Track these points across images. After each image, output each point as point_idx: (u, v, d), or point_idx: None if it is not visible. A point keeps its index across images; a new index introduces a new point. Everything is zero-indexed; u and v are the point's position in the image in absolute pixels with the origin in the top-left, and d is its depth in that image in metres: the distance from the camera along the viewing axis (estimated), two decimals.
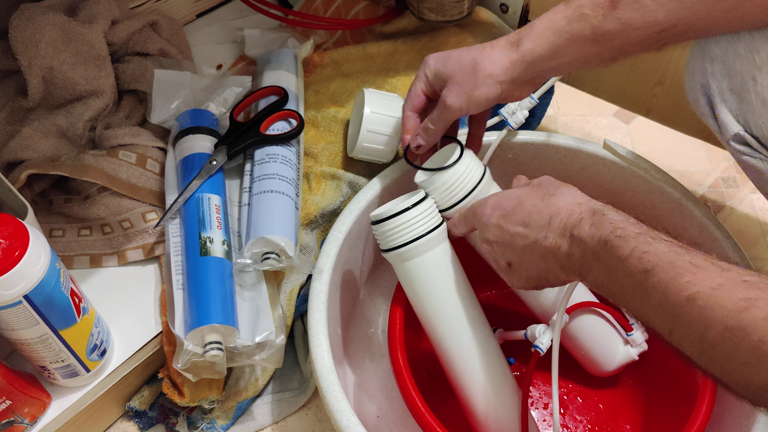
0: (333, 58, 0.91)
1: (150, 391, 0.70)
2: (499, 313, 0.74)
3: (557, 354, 0.58)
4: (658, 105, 0.86)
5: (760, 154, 0.54)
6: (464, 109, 0.60)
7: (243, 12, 0.99)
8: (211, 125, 0.75)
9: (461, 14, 0.88)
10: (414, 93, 0.64)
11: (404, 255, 0.58)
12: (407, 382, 0.58)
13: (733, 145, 0.55)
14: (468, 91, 0.59)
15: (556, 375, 0.58)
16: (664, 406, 0.67)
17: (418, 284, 0.59)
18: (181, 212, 0.69)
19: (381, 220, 0.58)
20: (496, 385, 0.61)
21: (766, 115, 0.52)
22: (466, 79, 0.59)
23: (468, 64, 0.59)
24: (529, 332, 0.62)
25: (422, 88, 0.63)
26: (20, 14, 0.73)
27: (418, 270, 0.59)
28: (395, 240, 0.58)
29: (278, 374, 0.73)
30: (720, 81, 0.54)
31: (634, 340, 0.66)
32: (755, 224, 0.91)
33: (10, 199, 0.61)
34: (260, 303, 0.66)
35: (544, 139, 0.75)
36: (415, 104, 0.64)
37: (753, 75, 0.51)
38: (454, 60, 0.60)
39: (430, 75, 0.62)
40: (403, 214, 0.57)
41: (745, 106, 0.53)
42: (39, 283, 0.52)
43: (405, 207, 0.57)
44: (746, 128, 0.54)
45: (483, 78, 0.58)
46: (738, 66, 0.52)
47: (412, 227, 0.57)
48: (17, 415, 0.58)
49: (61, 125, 0.75)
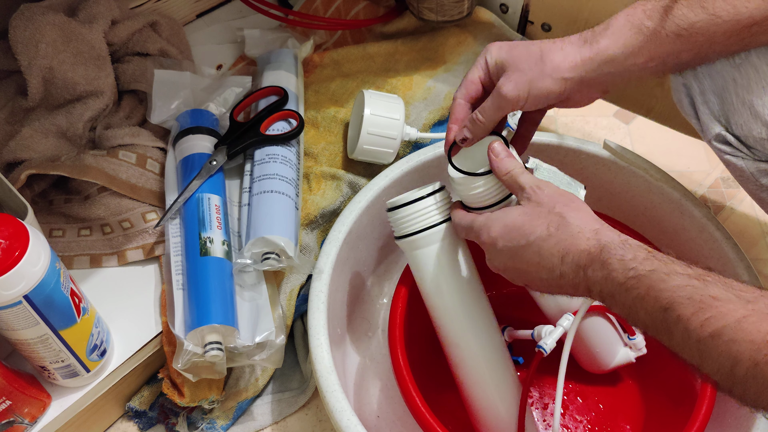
0: (333, 58, 0.91)
1: (150, 391, 0.70)
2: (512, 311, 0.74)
3: (567, 356, 0.58)
4: (658, 105, 0.86)
5: (740, 152, 0.54)
6: (521, 102, 0.54)
7: (243, 12, 0.99)
8: (211, 125, 0.75)
9: (461, 14, 0.89)
10: (470, 79, 0.57)
11: (415, 243, 0.59)
12: (407, 382, 0.58)
13: (715, 144, 0.56)
14: (529, 80, 0.53)
15: (563, 377, 0.58)
16: (664, 407, 0.67)
17: (427, 273, 0.60)
18: (181, 212, 0.69)
19: (395, 207, 0.59)
20: (498, 381, 0.61)
21: (746, 114, 0.52)
22: (529, 68, 0.53)
23: (535, 52, 0.54)
24: (535, 332, 0.62)
25: (480, 75, 0.56)
26: (20, 14, 0.73)
27: (428, 259, 0.59)
28: (407, 228, 0.59)
29: (278, 374, 0.73)
30: (701, 81, 0.55)
31: (635, 345, 0.66)
32: (755, 224, 0.91)
33: (10, 199, 0.61)
34: (260, 303, 0.66)
35: (545, 140, 0.75)
36: (470, 92, 0.57)
37: (733, 76, 0.53)
38: (521, 48, 0.54)
39: (491, 61, 0.55)
40: (417, 203, 0.58)
41: (727, 106, 0.54)
42: (39, 283, 0.52)
43: (419, 196, 0.58)
44: (728, 128, 0.54)
45: (549, 70, 0.53)
46: (719, 67, 0.53)
47: (425, 217, 0.58)
48: (17, 415, 0.58)
49: (61, 125, 0.75)
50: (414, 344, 0.63)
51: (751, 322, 0.36)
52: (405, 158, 0.75)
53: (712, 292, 0.38)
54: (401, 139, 0.76)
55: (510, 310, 0.73)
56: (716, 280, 0.39)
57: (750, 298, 0.37)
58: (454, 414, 0.69)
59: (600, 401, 0.70)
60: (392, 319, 0.62)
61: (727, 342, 0.36)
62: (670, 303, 0.39)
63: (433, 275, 0.59)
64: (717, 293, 0.38)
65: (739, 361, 0.36)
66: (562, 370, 0.57)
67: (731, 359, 0.36)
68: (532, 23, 0.91)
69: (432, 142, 0.79)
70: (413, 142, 0.80)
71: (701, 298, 0.38)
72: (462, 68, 0.88)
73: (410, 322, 0.63)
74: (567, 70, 0.53)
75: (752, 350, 0.35)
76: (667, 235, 0.73)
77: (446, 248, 0.59)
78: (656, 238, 0.68)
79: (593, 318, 0.66)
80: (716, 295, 0.38)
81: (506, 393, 0.61)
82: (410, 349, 0.60)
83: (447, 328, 0.61)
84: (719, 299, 0.37)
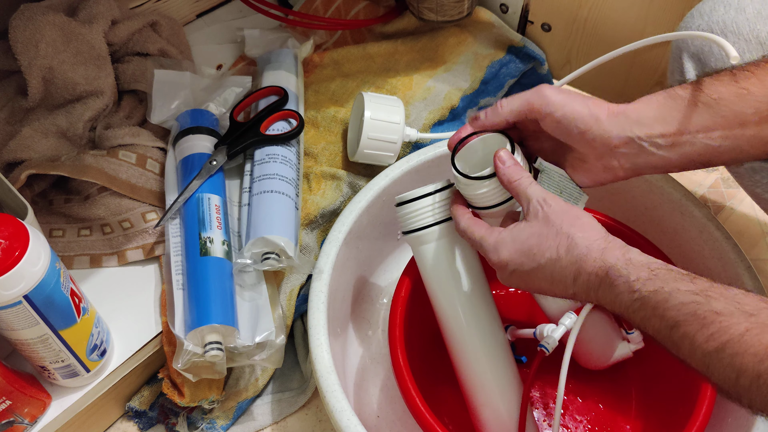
0: (333, 58, 0.91)
1: (150, 391, 0.70)
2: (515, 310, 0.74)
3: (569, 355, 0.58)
4: None
5: None
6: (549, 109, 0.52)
7: (243, 12, 0.99)
8: (211, 125, 0.75)
9: (461, 14, 0.89)
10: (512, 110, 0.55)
11: (421, 239, 0.60)
12: (407, 382, 0.58)
13: None
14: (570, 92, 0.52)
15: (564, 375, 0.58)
16: (664, 407, 0.67)
17: (433, 269, 0.60)
18: (181, 212, 0.69)
19: (404, 202, 0.60)
20: (499, 379, 0.61)
21: None
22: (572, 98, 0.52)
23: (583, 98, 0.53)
24: (537, 331, 0.62)
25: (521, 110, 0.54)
26: (20, 14, 0.73)
27: (435, 255, 0.60)
28: (415, 223, 0.59)
29: (278, 374, 0.73)
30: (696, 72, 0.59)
31: (634, 338, 0.66)
32: (755, 224, 0.91)
33: (10, 199, 0.61)
34: (260, 303, 0.66)
35: None
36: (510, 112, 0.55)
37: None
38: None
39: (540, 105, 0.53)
40: (425, 199, 0.59)
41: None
42: (39, 283, 0.52)
43: (427, 192, 0.59)
44: None
45: (592, 100, 0.52)
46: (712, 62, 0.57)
47: (432, 213, 0.59)
48: (17, 415, 0.58)
49: (61, 125, 0.75)
50: (414, 344, 0.63)
51: (754, 334, 0.37)
52: (405, 158, 0.75)
53: (715, 307, 0.39)
54: (402, 141, 0.76)
55: (513, 309, 0.73)
56: (719, 295, 0.40)
57: (752, 311, 0.38)
58: (455, 414, 0.69)
59: (600, 401, 0.70)
60: (392, 318, 0.62)
61: (731, 355, 0.38)
62: (675, 321, 0.41)
63: (439, 271, 0.60)
64: (720, 308, 0.39)
65: (743, 372, 0.37)
66: (564, 369, 0.57)
67: (736, 371, 0.38)
68: (532, 23, 0.92)
69: (432, 142, 0.79)
70: (413, 143, 0.80)
71: (704, 314, 0.39)
72: (462, 68, 0.88)
73: (410, 322, 0.63)
74: (603, 111, 0.52)
75: (755, 362, 0.37)
76: (667, 236, 0.73)
77: (453, 245, 0.60)
78: (656, 239, 0.68)
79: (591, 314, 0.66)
80: (719, 310, 0.39)
81: (507, 391, 0.61)
82: (410, 349, 0.60)
83: (451, 324, 0.61)
84: (722, 314, 0.39)
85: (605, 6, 0.82)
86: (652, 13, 0.78)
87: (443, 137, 0.79)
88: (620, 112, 0.51)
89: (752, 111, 0.48)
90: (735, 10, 0.58)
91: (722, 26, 0.58)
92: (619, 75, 0.87)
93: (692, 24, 0.61)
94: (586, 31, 0.86)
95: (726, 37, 0.58)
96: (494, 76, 0.89)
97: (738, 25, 0.57)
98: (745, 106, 0.48)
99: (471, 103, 0.87)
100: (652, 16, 0.78)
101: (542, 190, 0.51)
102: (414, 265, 0.65)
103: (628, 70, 0.86)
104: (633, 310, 0.44)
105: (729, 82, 0.49)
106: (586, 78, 0.72)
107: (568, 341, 0.58)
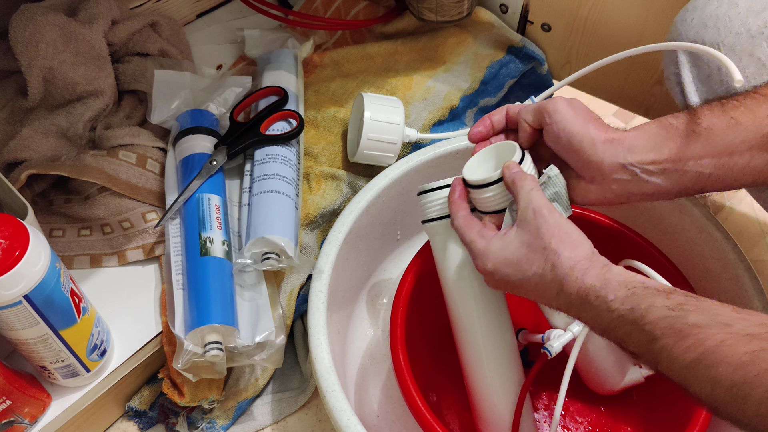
0: (333, 58, 0.91)
1: (150, 391, 0.70)
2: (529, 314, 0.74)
3: (573, 361, 0.58)
4: (657, 104, 0.86)
5: None
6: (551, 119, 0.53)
7: (243, 12, 0.99)
8: (211, 125, 0.75)
9: (461, 14, 0.89)
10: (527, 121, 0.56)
11: (437, 228, 0.60)
12: (407, 382, 0.58)
13: None
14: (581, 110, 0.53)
15: (567, 378, 0.58)
16: (665, 409, 0.67)
17: (449, 259, 0.61)
18: (181, 212, 0.69)
19: (426, 191, 0.61)
20: (502, 375, 0.61)
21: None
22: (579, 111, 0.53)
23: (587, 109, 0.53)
24: (546, 335, 0.62)
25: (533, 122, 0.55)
26: (20, 14, 0.73)
27: (452, 245, 0.60)
28: (432, 212, 0.60)
29: (278, 374, 0.73)
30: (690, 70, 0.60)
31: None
32: (755, 224, 0.91)
33: (10, 199, 0.61)
34: (260, 303, 0.66)
35: None
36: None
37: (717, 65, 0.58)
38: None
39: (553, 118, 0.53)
40: (443, 190, 0.60)
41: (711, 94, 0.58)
42: (39, 283, 0.52)
43: (446, 183, 0.59)
44: None
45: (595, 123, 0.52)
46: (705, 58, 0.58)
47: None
48: (17, 415, 0.58)
49: (61, 125, 0.75)
50: (414, 344, 0.63)
51: (728, 345, 0.38)
52: (405, 158, 0.75)
53: (692, 320, 0.40)
54: (401, 141, 0.76)
55: (525, 313, 0.73)
56: (695, 307, 0.41)
57: (728, 321, 0.39)
58: (455, 414, 0.69)
59: (601, 403, 0.70)
60: (393, 318, 0.62)
61: (707, 366, 0.38)
62: (653, 336, 0.42)
63: (455, 261, 0.60)
64: (696, 320, 0.40)
65: (719, 383, 0.38)
66: (567, 374, 0.57)
67: (711, 382, 0.38)
68: (531, 23, 0.92)
69: (432, 143, 0.79)
70: (413, 143, 0.80)
71: (681, 327, 0.40)
72: (462, 68, 0.88)
73: (411, 322, 0.63)
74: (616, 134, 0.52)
75: (729, 372, 0.37)
76: (667, 235, 0.73)
77: None
78: (656, 239, 0.68)
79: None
80: (696, 322, 0.40)
81: (509, 388, 0.61)
82: (411, 349, 0.60)
83: (461, 314, 0.61)
84: (699, 326, 0.40)
85: (605, 6, 0.82)
86: (652, 13, 0.78)
87: (443, 137, 0.79)
88: (615, 139, 0.52)
89: (740, 140, 0.49)
90: (727, 4, 0.59)
91: (715, 20, 0.59)
92: (619, 75, 0.87)
93: (687, 18, 0.62)
94: (586, 32, 0.86)
95: (718, 30, 0.59)
96: (494, 77, 0.89)
97: (730, 19, 0.58)
98: (734, 135, 0.49)
99: (471, 104, 0.87)
100: (652, 17, 0.79)
101: (541, 198, 0.50)
102: (415, 265, 0.65)
103: (628, 70, 0.86)
104: (612, 327, 0.45)
105: (719, 112, 0.50)
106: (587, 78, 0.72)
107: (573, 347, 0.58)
